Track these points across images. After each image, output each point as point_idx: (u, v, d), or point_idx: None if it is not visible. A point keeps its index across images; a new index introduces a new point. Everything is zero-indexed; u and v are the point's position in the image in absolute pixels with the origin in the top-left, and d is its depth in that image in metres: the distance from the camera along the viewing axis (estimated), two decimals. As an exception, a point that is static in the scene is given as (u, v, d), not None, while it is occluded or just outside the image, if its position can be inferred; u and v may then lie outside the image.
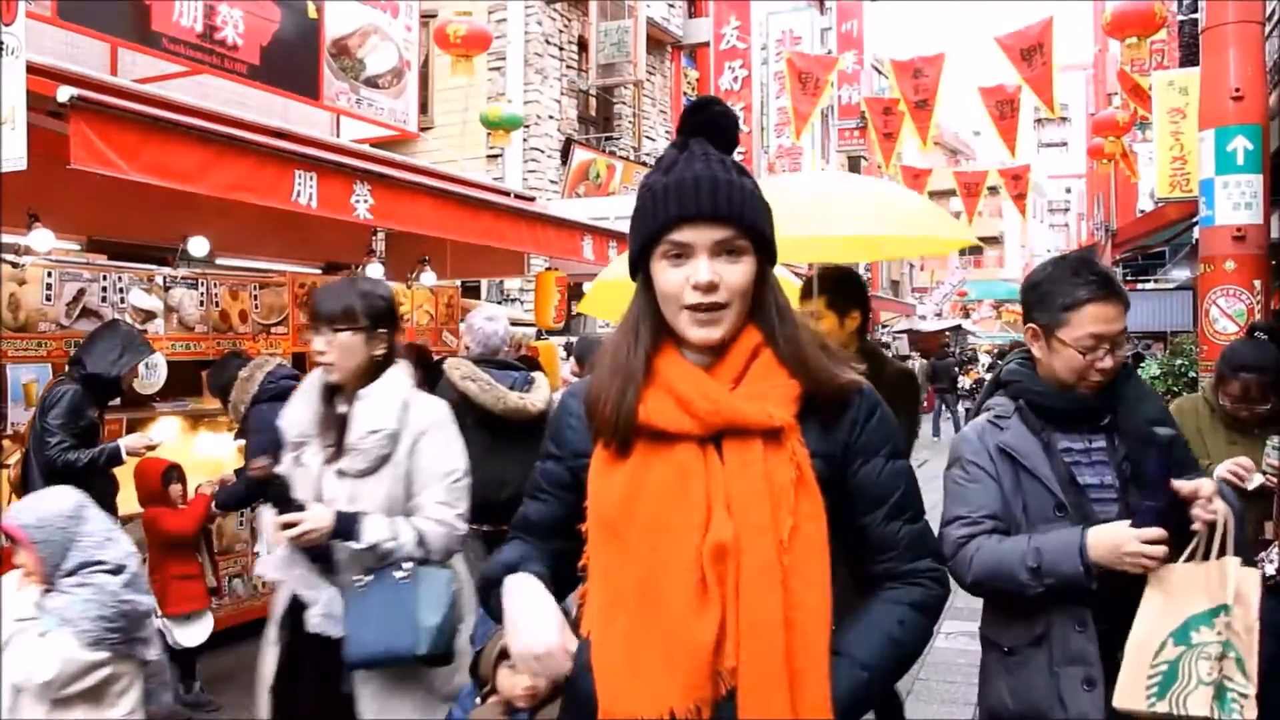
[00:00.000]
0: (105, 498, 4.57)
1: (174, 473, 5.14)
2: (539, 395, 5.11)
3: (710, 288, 1.52)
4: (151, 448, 4.85)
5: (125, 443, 4.53)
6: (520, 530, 1.76)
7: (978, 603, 2.42)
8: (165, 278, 6.14)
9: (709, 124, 1.60)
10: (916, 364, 21.48)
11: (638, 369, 1.57)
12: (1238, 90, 5.41)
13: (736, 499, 1.48)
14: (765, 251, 1.58)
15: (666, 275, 1.55)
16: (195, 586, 5.09)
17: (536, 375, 5.27)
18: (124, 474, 4.99)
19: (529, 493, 1.77)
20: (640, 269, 1.61)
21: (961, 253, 51.30)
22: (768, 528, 1.47)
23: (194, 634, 5.05)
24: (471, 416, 5.01)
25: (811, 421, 1.56)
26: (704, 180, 1.52)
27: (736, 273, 1.54)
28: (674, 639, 1.45)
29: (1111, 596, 2.11)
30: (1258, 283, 5.30)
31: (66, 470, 4.38)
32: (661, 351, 1.59)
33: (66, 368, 4.67)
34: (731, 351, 1.57)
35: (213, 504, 5.16)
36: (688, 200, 1.52)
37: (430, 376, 5.16)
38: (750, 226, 1.54)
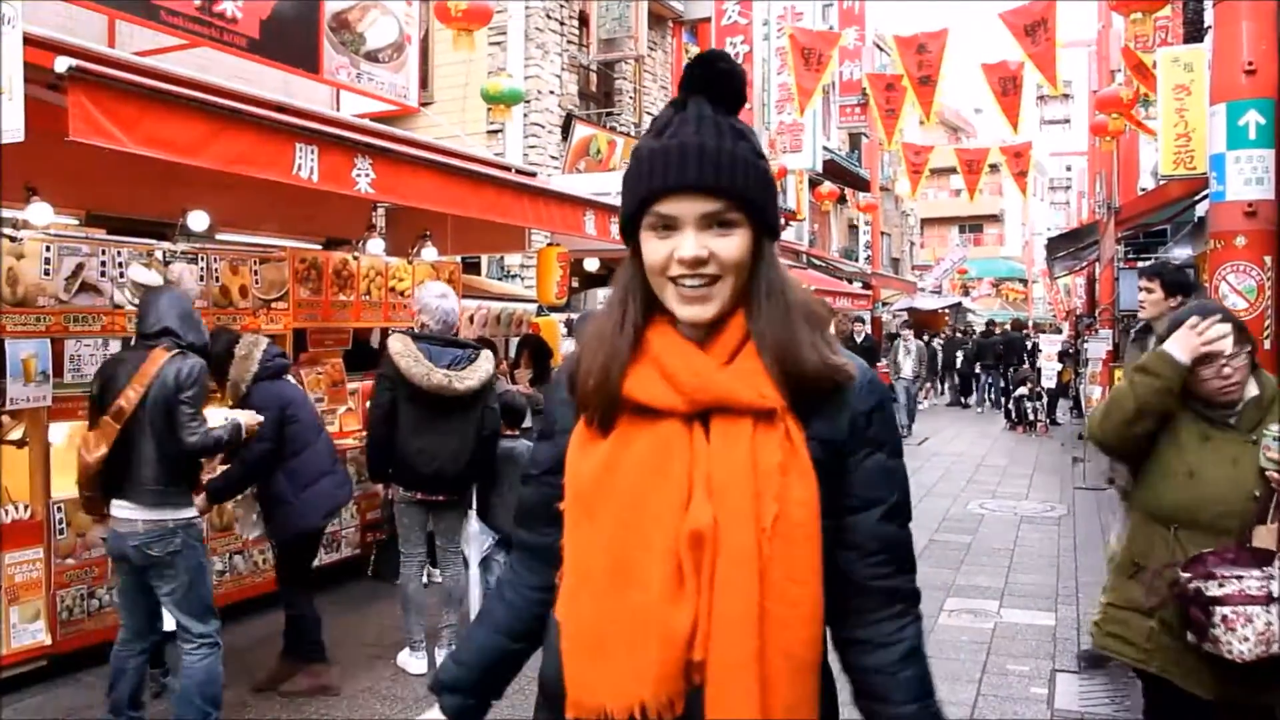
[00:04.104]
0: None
1: None
2: (472, 375, 5.09)
3: (697, 263, 1.41)
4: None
5: None
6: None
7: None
8: (165, 252, 6.08)
9: (712, 81, 1.47)
10: (911, 344, 20.86)
11: (625, 341, 1.48)
12: (1250, 64, 5.34)
13: (718, 481, 1.38)
14: (763, 224, 1.47)
15: (652, 247, 1.45)
16: None
17: (481, 355, 5.21)
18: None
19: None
20: (630, 237, 1.53)
21: (961, 230, 51.35)
22: (749, 514, 1.36)
23: None
24: (405, 390, 5.06)
25: (810, 407, 1.45)
26: (690, 149, 1.41)
27: (729, 246, 1.43)
28: (646, 627, 1.36)
29: None
30: (1268, 259, 5.24)
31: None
32: (653, 324, 1.49)
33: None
34: (727, 328, 1.46)
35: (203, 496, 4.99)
36: (672, 171, 1.41)
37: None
38: (742, 198, 1.43)
